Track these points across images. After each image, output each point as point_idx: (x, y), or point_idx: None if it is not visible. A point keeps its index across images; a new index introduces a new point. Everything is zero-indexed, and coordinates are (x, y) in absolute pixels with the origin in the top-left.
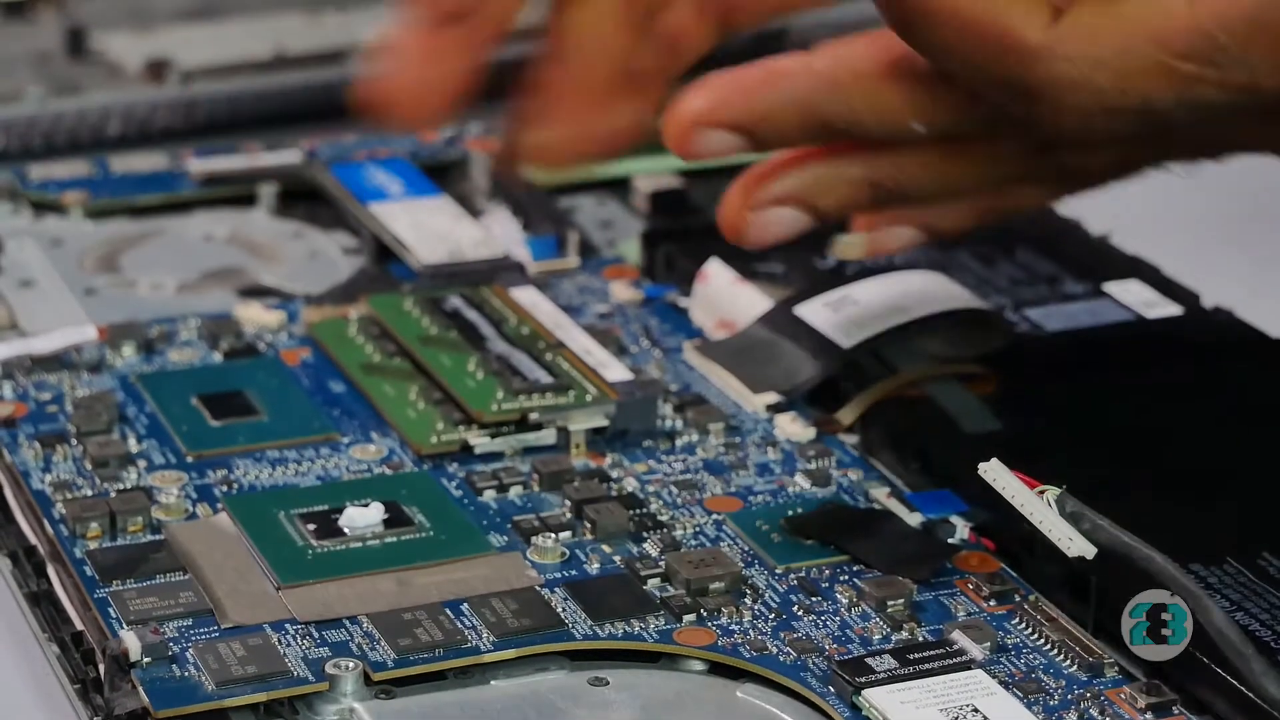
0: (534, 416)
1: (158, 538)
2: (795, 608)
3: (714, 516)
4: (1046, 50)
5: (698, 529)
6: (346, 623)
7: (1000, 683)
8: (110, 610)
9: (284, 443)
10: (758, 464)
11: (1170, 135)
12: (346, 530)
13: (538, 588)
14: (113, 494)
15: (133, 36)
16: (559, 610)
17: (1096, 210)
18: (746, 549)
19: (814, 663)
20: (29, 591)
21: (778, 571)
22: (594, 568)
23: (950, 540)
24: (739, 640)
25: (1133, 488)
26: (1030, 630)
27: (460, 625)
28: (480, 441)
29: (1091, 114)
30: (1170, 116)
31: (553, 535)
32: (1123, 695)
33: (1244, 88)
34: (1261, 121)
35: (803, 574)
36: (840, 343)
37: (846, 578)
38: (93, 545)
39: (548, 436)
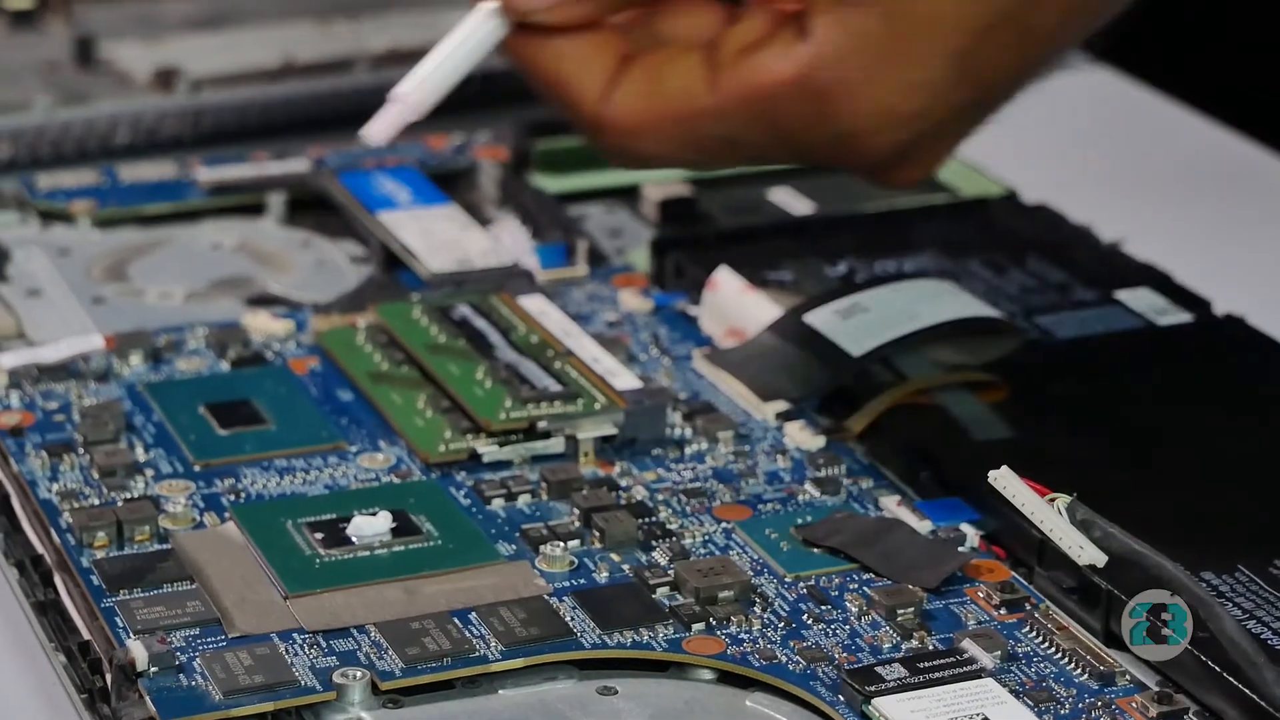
0: (542, 425)
1: (165, 547)
2: (805, 616)
3: (723, 525)
4: (595, 120)
5: (707, 537)
6: (354, 632)
7: (1011, 691)
8: (117, 619)
9: (292, 451)
10: (767, 472)
11: None
12: (354, 539)
13: (546, 597)
14: (120, 503)
15: (141, 46)
16: (567, 619)
17: (1108, 217)
18: (756, 557)
19: (824, 671)
20: (36, 601)
21: (787, 580)
22: (603, 576)
23: (960, 548)
24: (748, 649)
25: (1144, 495)
26: (1041, 639)
27: (468, 634)
28: (488, 450)
29: (644, 167)
30: (703, 169)
31: (561, 544)
32: (1134, 704)
33: (756, 158)
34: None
35: (812, 582)
36: (850, 350)
37: (856, 586)
38: (100, 554)
39: (556, 445)
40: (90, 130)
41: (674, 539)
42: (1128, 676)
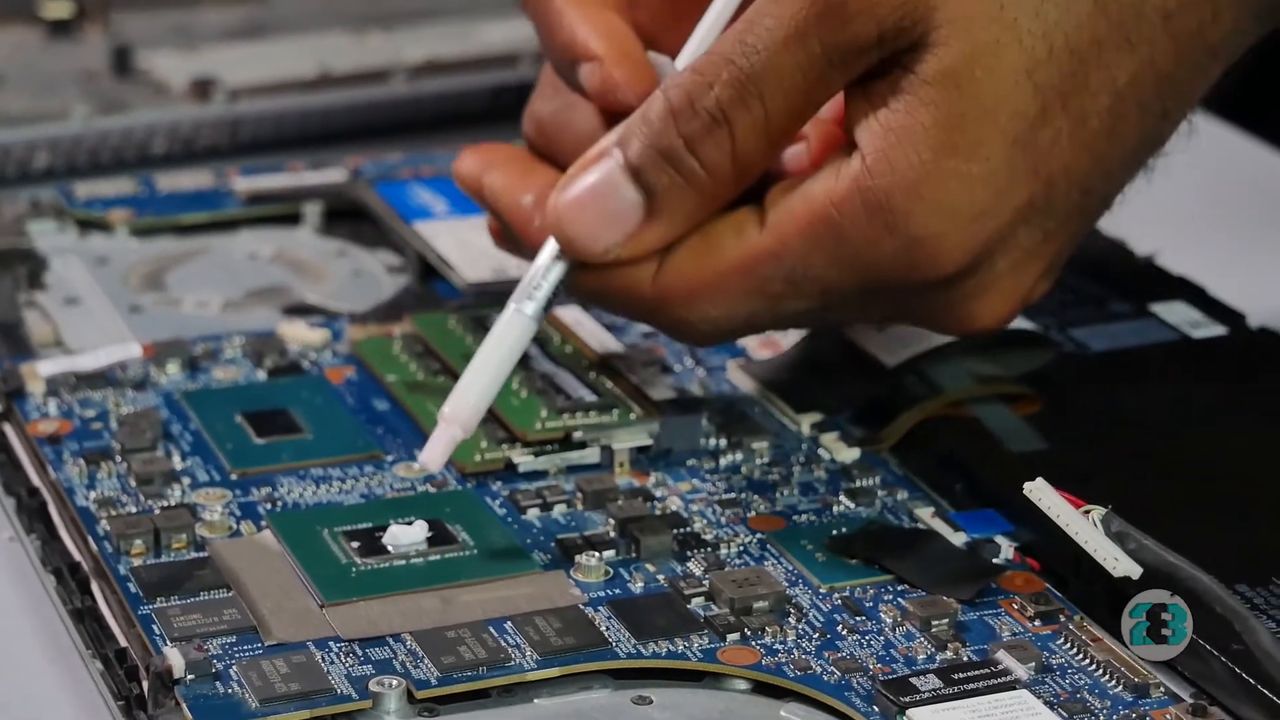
0: (578, 435)
1: (202, 555)
2: (839, 627)
3: (758, 535)
4: (654, 298)
5: (742, 548)
6: (390, 640)
7: (1045, 703)
8: (154, 627)
9: (328, 460)
10: (801, 483)
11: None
12: (390, 548)
13: (581, 606)
14: (157, 511)
15: (178, 55)
16: (602, 629)
17: (1143, 230)
18: (790, 568)
19: (858, 682)
20: (73, 608)
21: (822, 591)
22: (638, 586)
23: (995, 560)
24: (783, 659)
25: (1178, 508)
26: (1075, 650)
27: (504, 643)
28: (524, 460)
29: (714, 336)
30: (775, 325)
31: (596, 554)
32: (1168, 716)
33: (825, 295)
34: (882, 301)
35: (847, 593)
36: (885, 362)
37: (891, 597)
38: (136, 562)
39: (591, 455)
40: (127, 139)
41: (709, 549)
42: (1162, 689)
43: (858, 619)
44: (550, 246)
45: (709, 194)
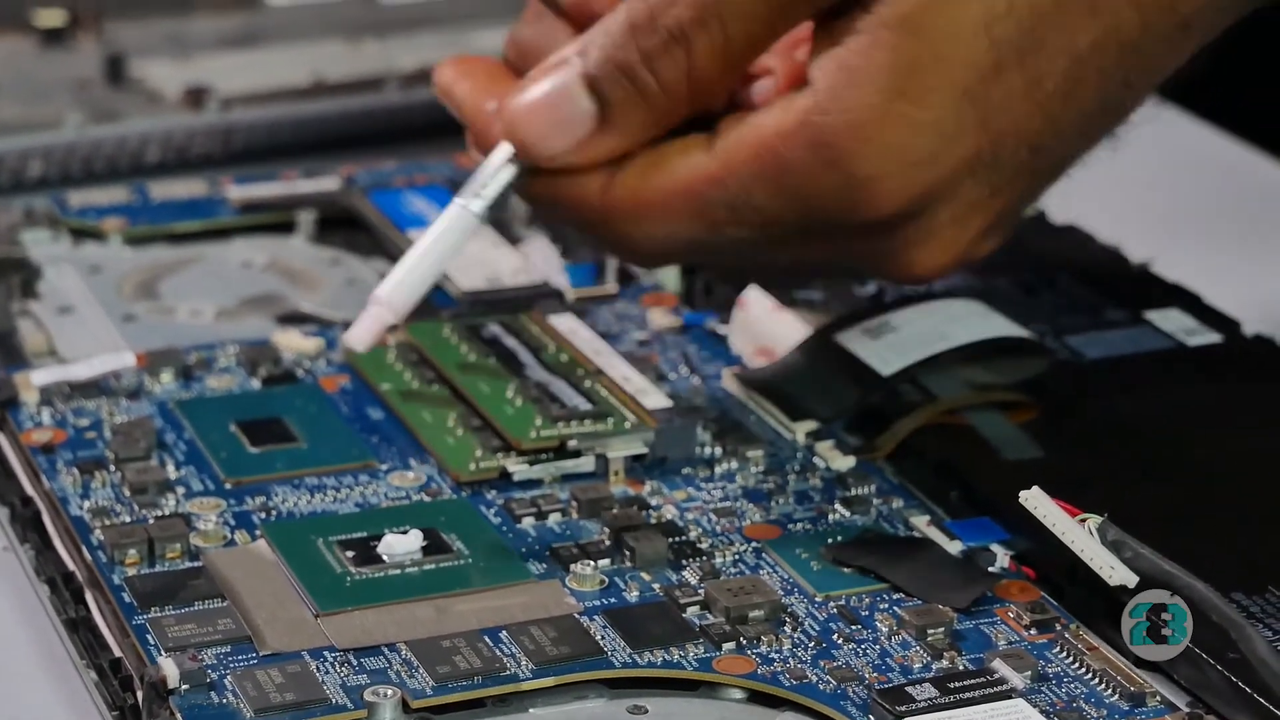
0: (573, 444)
1: (196, 564)
2: (835, 636)
3: (753, 544)
4: (601, 210)
5: (737, 556)
6: (385, 650)
7: (1041, 712)
8: (148, 637)
9: (322, 469)
10: (797, 491)
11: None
12: (385, 557)
13: (576, 615)
14: (151, 520)
15: (172, 64)
16: (598, 638)
17: (1138, 237)
18: (786, 577)
19: (854, 691)
20: (67, 618)
21: (817, 599)
22: (633, 595)
23: (991, 568)
24: (779, 668)
25: (1175, 516)
26: (1071, 659)
27: (499, 653)
28: (519, 469)
29: (656, 256)
30: (715, 253)
31: (591, 563)
32: None
33: (767, 226)
34: (821, 241)
35: (842, 602)
36: (880, 370)
37: (886, 606)
38: (131, 572)
39: (586, 464)
40: (121, 148)
41: (704, 558)
42: (1158, 698)
43: (853, 628)
44: (504, 149)
45: (662, 110)
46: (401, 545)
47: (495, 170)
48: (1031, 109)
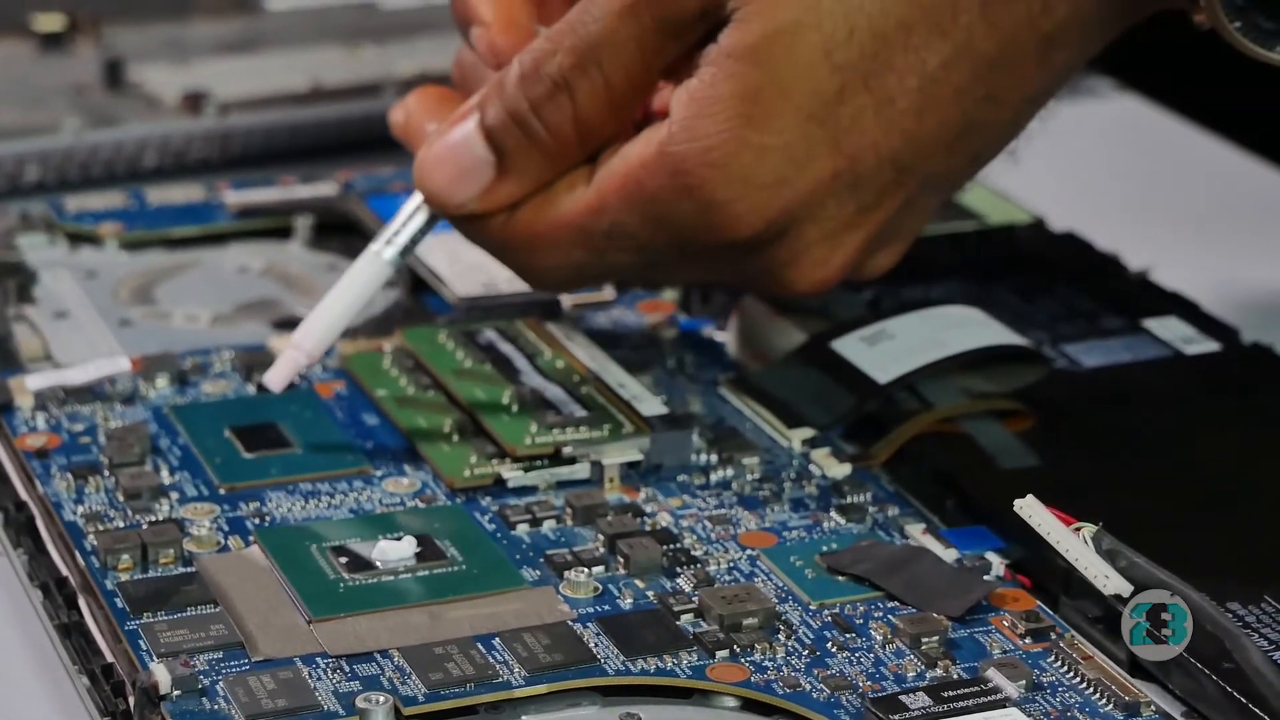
0: (568, 450)
1: (189, 570)
2: (829, 644)
3: (748, 552)
4: (502, 245)
5: (731, 564)
6: (378, 656)
7: None
8: (141, 642)
9: (316, 475)
10: (792, 499)
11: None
12: (378, 563)
13: (570, 622)
14: (145, 526)
15: (170, 69)
16: (591, 645)
17: (1136, 245)
18: (780, 585)
19: (848, 700)
20: (60, 623)
21: (812, 607)
22: (627, 603)
23: (986, 577)
24: (772, 677)
25: (1170, 525)
26: (1066, 668)
27: (492, 659)
28: (513, 475)
29: (553, 282)
30: (605, 275)
31: (586, 570)
32: None
33: (642, 251)
34: (698, 262)
35: (837, 610)
36: (876, 378)
37: (881, 614)
38: (124, 577)
39: (581, 470)
40: (118, 153)
41: (699, 565)
42: (1153, 707)
43: (847, 636)
44: (415, 198)
45: (553, 155)
46: (395, 551)
47: (407, 218)
48: (886, 128)
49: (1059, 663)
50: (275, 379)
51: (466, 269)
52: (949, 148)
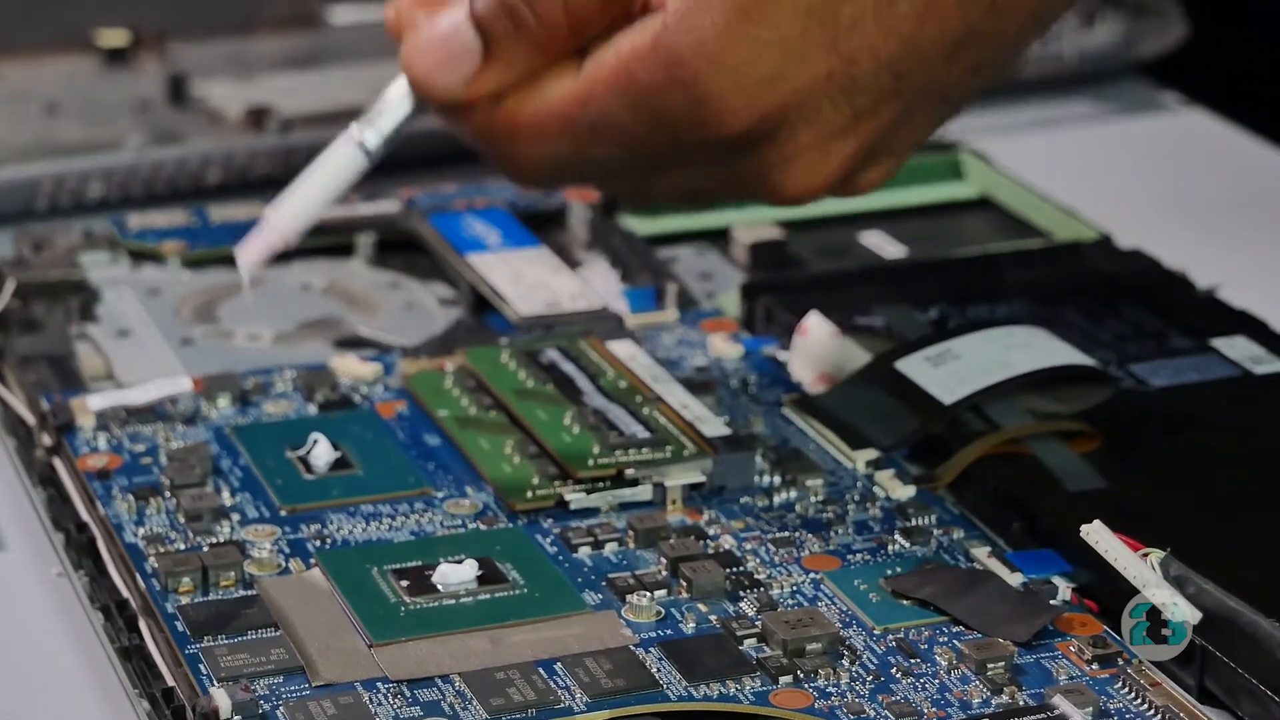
0: (630, 472)
1: (250, 593)
2: (894, 669)
3: (812, 575)
4: (485, 135)
5: (795, 588)
6: (438, 681)
7: None
8: (201, 666)
9: (378, 497)
10: (856, 521)
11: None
12: (440, 587)
13: (632, 647)
14: (205, 548)
15: (233, 84)
16: (653, 670)
17: (1204, 263)
18: (844, 609)
19: None
20: (120, 646)
21: (876, 632)
22: (689, 627)
23: (1052, 601)
24: (836, 702)
25: (1239, 550)
26: (1134, 695)
27: (553, 685)
28: (575, 497)
29: (534, 176)
30: (587, 171)
31: (648, 593)
32: None
33: (623, 143)
34: (687, 163)
35: (901, 635)
36: (941, 398)
37: (946, 639)
38: (184, 600)
39: (644, 492)
40: (181, 169)
41: (762, 589)
42: None
43: (912, 661)
44: (400, 83)
45: (541, 44)
46: (456, 575)
47: (392, 103)
48: (885, 31)
49: (1126, 689)
50: (248, 259)
51: (528, 288)
52: (949, 57)
